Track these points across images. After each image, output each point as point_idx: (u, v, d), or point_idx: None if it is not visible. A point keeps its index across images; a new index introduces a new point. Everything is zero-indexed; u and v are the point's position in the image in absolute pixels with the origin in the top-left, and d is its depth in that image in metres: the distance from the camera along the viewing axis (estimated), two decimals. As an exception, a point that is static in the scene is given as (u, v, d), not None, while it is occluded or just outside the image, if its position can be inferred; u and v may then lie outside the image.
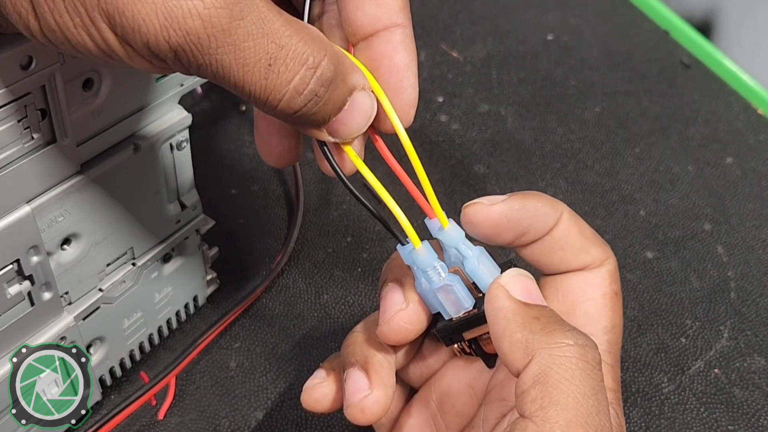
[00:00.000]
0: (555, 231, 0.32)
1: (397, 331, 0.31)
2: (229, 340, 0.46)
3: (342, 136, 0.28)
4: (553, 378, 0.26)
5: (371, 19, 0.29)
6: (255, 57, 0.25)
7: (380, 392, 0.31)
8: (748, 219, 0.56)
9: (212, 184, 0.53)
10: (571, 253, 0.33)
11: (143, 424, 0.42)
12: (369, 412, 0.31)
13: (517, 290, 0.28)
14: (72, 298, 0.38)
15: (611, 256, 0.33)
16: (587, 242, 0.33)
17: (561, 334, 0.27)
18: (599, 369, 0.27)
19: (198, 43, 0.24)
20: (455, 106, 0.62)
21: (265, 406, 0.44)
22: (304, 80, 0.26)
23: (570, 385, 0.26)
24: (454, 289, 0.30)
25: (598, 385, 0.26)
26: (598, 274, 0.33)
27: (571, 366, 0.26)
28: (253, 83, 0.25)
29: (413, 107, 0.30)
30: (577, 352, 0.26)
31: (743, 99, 0.65)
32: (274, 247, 0.51)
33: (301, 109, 0.26)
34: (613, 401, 0.31)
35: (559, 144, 0.60)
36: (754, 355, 0.48)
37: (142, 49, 0.24)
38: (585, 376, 0.26)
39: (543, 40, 0.69)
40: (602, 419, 0.26)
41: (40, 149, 0.32)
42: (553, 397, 0.26)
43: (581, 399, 0.26)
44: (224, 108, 0.59)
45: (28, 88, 0.30)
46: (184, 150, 0.39)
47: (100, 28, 0.24)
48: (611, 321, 0.33)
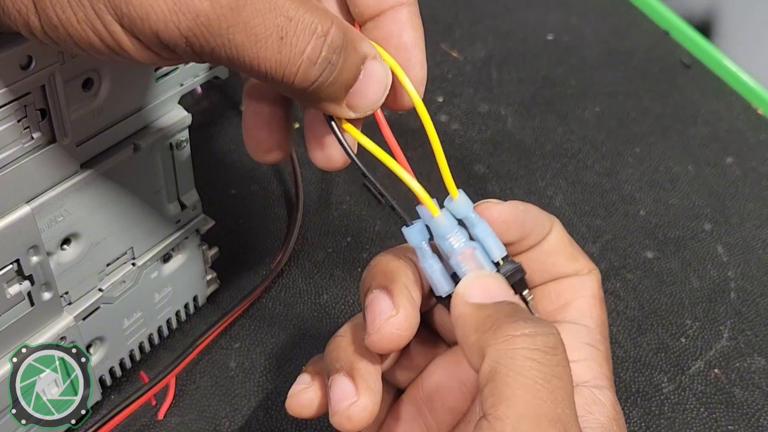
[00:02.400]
0: (549, 237, 0.33)
1: (389, 338, 0.30)
2: (229, 340, 0.46)
3: (362, 108, 0.28)
4: (501, 373, 0.25)
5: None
6: (266, 32, 0.24)
7: (367, 398, 0.30)
8: (748, 219, 0.56)
9: (212, 184, 0.53)
10: (564, 258, 0.34)
11: (143, 424, 0.42)
12: (356, 419, 0.30)
13: (475, 294, 0.28)
14: (72, 298, 0.38)
15: (596, 268, 0.35)
16: (576, 252, 0.34)
17: (509, 326, 0.26)
18: (555, 354, 0.26)
19: (209, 25, 0.24)
20: (455, 106, 0.62)
21: (265, 406, 0.44)
22: (316, 49, 0.25)
23: (518, 377, 0.25)
24: (477, 253, 0.30)
25: (552, 372, 0.25)
26: (587, 278, 0.34)
27: (518, 357, 0.25)
28: (267, 59, 0.25)
29: (422, 84, 0.30)
30: (526, 341, 0.26)
31: (743, 99, 0.65)
32: (274, 247, 0.51)
33: (317, 79, 0.26)
34: (610, 387, 0.32)
35: (559, 144, 0.60)
36: (754, 355, 0.48)
37: (152, 39, 0.24)
38: (535, 365, 0.25)
39: (543, 39, 0.69)
40: (558, 408, 0.25)
41: (39, 149, 0.32)
42: (502, 393, 0.25)
43: (532, 390, 0.25)
44: (224, 108, 0.59)
45: (28, 88, 0.30)
46: (184, 150, 0.39)
47: (105, 21, 0.24)
48: (601, 317, 0.33)
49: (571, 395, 0.26)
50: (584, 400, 0.31)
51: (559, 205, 0.56)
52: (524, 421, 0.24)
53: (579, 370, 0.31)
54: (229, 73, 0.40)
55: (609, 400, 0.31)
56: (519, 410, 0.25)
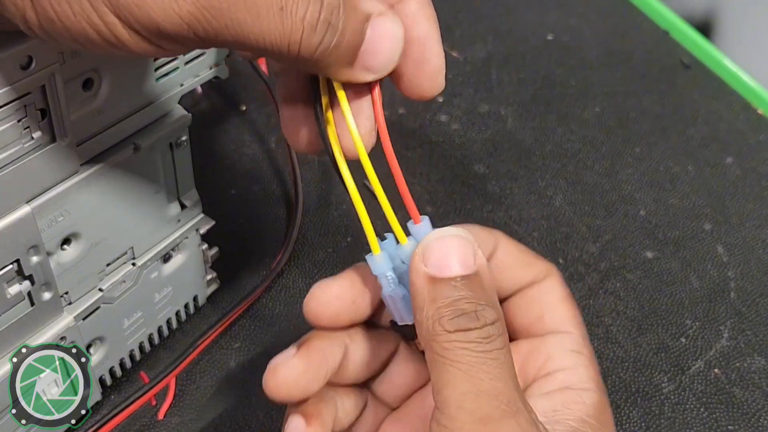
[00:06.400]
0: (497, 253, 0.34)
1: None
2: (229, 340, 0.46)
3: (377, 67, 0.28)
4: (441, 363, 0.27)
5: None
6: (267, 5, 0.24)
7: None
8: (748, 219, 0.56)
9: (212, 184, 0.53)
10: (518, 268, 0.34)
11: (143, 424, 0.42)
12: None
13: (431, 258, 0.28)
14: (72, 298, 0.38)
15: (553, 265, 0.35)
16: (529, 258, 0.35)
17: (447, 323, 0.27)
18: (489, 341, 0.27)
19: (209, 7, 0.24)
20: (455, 106, 0.62)
21: (265, 406, 0.43)
22: (314, 12, 0.25)
23: (455, 364, 0.27)
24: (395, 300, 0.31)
25: (487, 356, 0.27)
26: (548, 282, 0.35)
27: (454, 349, 0.27)
28: (270, 32, 0.25)
29: (441, 73, 0.30)
30: (459, 336, 0.27)
31: (743, 99, 0.65)
32: (274, 247, 0.51)
33: (320, 44, 0.26)
34: (597, 389, 0.32)
35: (559, 144, 0.60)
36: (754, 355, 0.48)
37: (151, 30, 0.24)
38: (468, 353, 0.27)
39: (543, 40, 0.69)
40: (498, 384, 0.27)
41: (40, 149, 0.32)
42: (443, 379, 0.27)
43: (469, 372, 0.27)
44: (224, 108, 0.59)
45: (28, 88, 0.30)
46: (184, 150, 0.39)
47: (101, 13, 0.23)
48: (577, 318, 0.34)
49: (510, 375, 0.27)
50: (565, 398, 0.32)
51: (559, 205, 0.56)
52: (466, 397, 0.26)
53: (566, 377, 0.33)
54: (229, 74, 0.40)
55: (592, 401, 0.32)
56: (460, 389, 0.26)
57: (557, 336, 0.34)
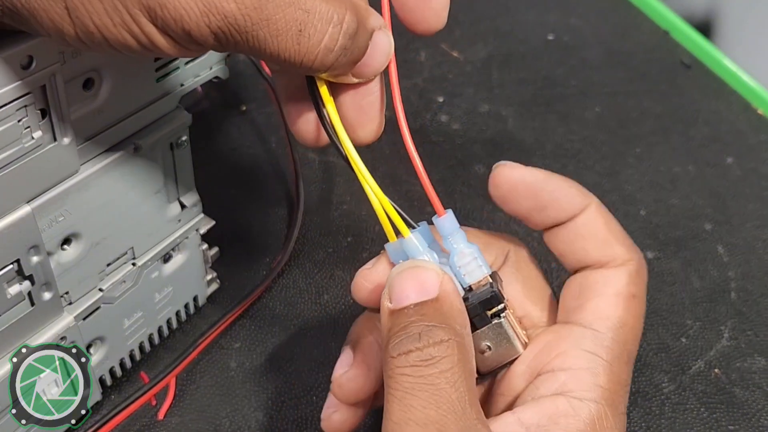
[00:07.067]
0: (579, 218, 0.32)
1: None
2: (229, 340, 0.46)
3: (366, 75, 0.30)
4: (388, 387, 0.28)
5: None
6: (286, 26, 0.26)
7: (359, 371, 0.33)
8: (749, 219, 0.56)
9: (212, 184, 0.53)
10: (593, 244, 0.32)
11: (143, 424, 0.42)
12: (345, 388, 0.33)
13: (394, 292, 0.29)
14: (72, 298, 0.38)
15: (636, 258, 0.32)
16: (612, 238, 0.32)
17: (392, 347, 0.28)
18: (428, 364, 0.27)
19: (235, 24, 0.25)
20: (456, 106, 0.62)
21: (265, 406, 0.44)
22: (333, 38, 0.27)
23: (393, 392, 0.27)
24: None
25: (424, 381, 0.27)
26: (616, 272, 0.32)
27: (394, 375, 0.27)
28: (286, 50, 0.27)
29: (445, 9, 0.31)
30: (400, 361, 0.27)
31: (743, 99, 0.65)
32: (274, 247, 0.51)
33: (333, 63, 0.28)
34: (601, 400, 0.30)
35: (559, 144, 0.60)
36: (755, 355, 0.48)
37: (183, 37, 0.26)
38: (405, 379, 0.27)
39: (544, 40, 0.69)
40: (430, 411, 0.26)
41: (40, 149, 0.32)
42: (387, 406, 0.27)
43: (403, 401, 0.27)
44: (224, 108, 0.59)
45: (29, 88, 0.30)
46: (185, 150, 0.39)
47: (140, 23, 0.25)
48: (621, 320, 0.31)
49: (448, 400, 0.27)
50: (555, 410, 0.29)
51: (560, 205, 0.55)
52: (396, 428, 0.27)
53: (567, 378, 0.30)
54: (229, 74, 0.40)
55: (586, 414, 0.29)
56: (394, 418, 0.27)
57: (581, 330, 0.31)
